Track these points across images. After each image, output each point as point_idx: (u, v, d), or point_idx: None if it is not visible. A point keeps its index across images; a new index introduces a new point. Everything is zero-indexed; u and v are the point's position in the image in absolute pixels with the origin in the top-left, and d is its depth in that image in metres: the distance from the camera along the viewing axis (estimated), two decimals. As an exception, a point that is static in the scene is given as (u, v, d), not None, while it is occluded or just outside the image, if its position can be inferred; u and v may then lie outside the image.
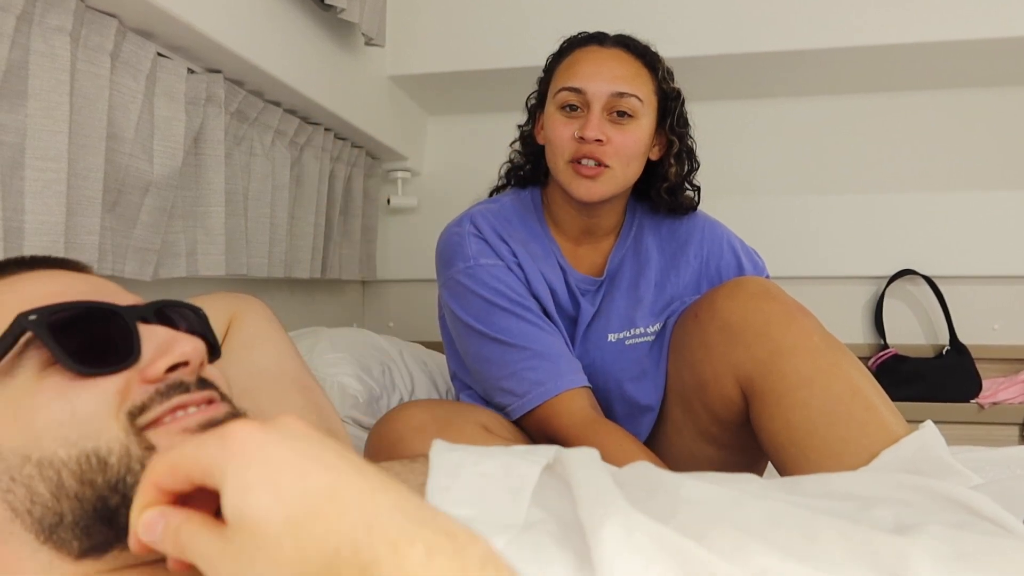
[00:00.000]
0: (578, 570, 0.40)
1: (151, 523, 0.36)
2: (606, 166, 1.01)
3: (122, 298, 0.53)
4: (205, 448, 0.35)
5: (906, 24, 1.64)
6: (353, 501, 0.32)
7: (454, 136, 2.20)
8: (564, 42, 1.11)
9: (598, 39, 1.07)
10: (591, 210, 1.09)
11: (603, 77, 1.01)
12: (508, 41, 1.79)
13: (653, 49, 1.08)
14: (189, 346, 0.48)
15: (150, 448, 0.44)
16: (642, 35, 1.11)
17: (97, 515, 0.43)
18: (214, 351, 0.57)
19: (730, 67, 1.81)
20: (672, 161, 1.09)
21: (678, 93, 1.09)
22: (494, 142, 1.37)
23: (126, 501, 0.43)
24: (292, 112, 1.52)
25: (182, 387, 0.47)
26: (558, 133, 1.03)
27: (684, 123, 1.11)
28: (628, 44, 1.07)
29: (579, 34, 1.10)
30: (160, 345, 0.48)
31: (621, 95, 1.01)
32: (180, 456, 0.35)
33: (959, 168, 1.93)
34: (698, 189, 1.15)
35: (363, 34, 1.57)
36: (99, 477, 0.43)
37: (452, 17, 1.84)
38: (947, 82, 1.90)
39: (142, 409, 0.46)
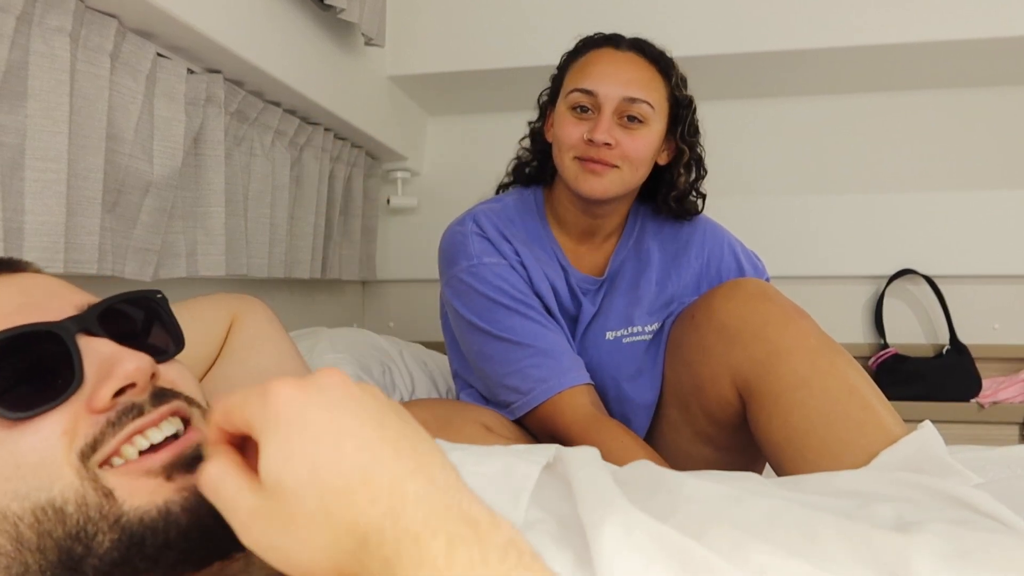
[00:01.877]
0: (578, 569, 0.40)
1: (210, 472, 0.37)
2: (614, 166, 1.02)
3: (63, 302, 0.47)
4: (248, 404, 0.36)
5: (906, 24, 1.64)
6: (384, 489, 0.33)
7: (454, 136, 2.20)
8: (579, 42, 1.11)
9: (614, 41, 1.07)
10: (595, 210, 1.09)
11: (616, 81, 1.01)
12: (508, 41, 1.79)
13: (669, 55, 1.07)
14: (132, 365, 0.43)
15: (107, 494, 0.41)
16: (642, 35, 1.11)
17: (63, 565, 0.41)
18: (176, 341, 0.52)
19: (730, 67, 1.81)
20: (681, 170, 1.09)
21: (690, 101, 1.09)
22: (494, 142, 1.37)
23: (88, 551, 0.40)
24: (292, 112, 1.52)
25: (135, 410, 0.43)
26: (567, 132, 1.03)
27: (695, 131, 1.10)
28: (643, 48, 1.06)
29: (595, 35, 1.10)
30: (102, 366, 0.43)
31: (632, 100, 1.01)
32: (230, 404, 0.37)
33: (959, 168, 1.93)
34: (703, 196, 1.15)
35: (363, 34, 1.57)
36: (58, 529, 0.40)
37: (452, 17, 1.84)
38: (947, 82, 1.90)
39: (94, 446, 0.41)
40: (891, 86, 1.93)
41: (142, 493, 0.41)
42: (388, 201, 2.11)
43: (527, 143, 1.20)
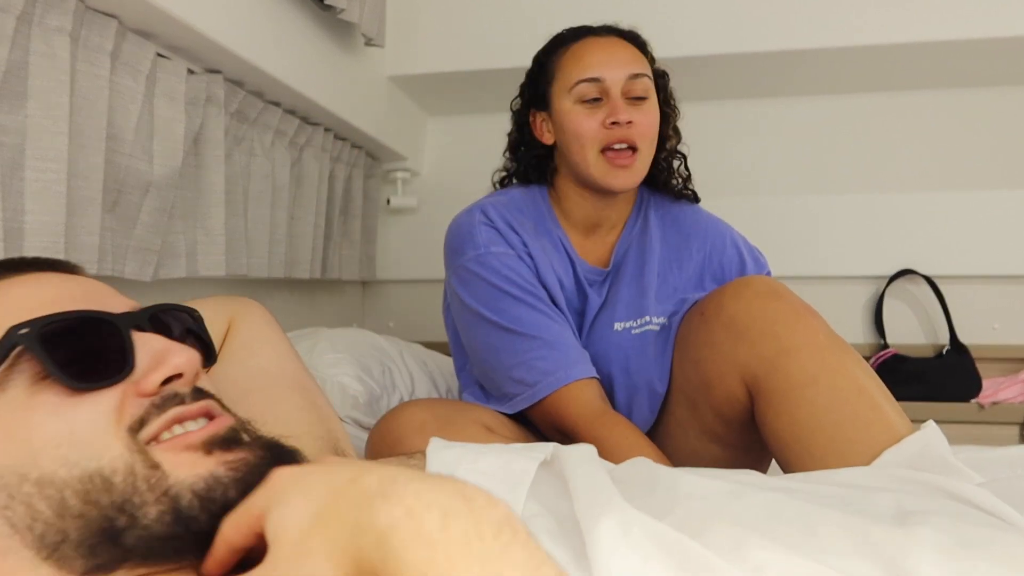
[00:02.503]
0: (574, 566, 0.40)
1: None
2: (635, 149, 1.04)
3: (116, 303, 0.52)
4: (254, 498, 0.39)
5: (906, 24, 1.64)
6: (373, 478, 0.35)
7: (454, 136, 2.20)
8: (551, 41, 1.13)
9: (592, 30, 1.10)
10: (608, 201, 1.11)
11: (616, 62, 1.04)
12: (508, 41, 1.79)
13: (637, 32, 1.12)
14: (183, 357, 0.47)
15: (155, 466, 0.43)
16: (645, 36, 1.12)
17: (103, 535, 0.42)
18: (210, 355, 0.56)
19: (730, 67, 1.81)
20: (671, 132, 1.14)
21: (664, 72, 1.14)
22: (494, 142, 1.36)
23: (133, 521, 0.42)
24: (292, 112, 1.52)
25: (177, 399, 0.46)
26: (585, 126, 1.04)
27: (671, 96, 1.16)
28: (620, 31, 1.10)
29: (564, 31, 1.12)
30: (154, 356, 0.47)
31: (636, 76, 1.04)
32: (237, 513, 0.40)
33: (959, 168, 1.93)
34: (686, 179, 1.18)
35: (363, 34, 1.57)
36: (104, 497, 0.42)
37: (452, 17, 1.84)
38: (947, 82, 1.90)
39: (141, 423, 0.44)
40: (891, 86, 1.93)
41: (185, 466, 0.43)
42: (388, 201, 2.11)
43: (509, 155, 1.21)
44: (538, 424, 1.04)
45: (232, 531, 0.40)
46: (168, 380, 0.46)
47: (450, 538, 0.31)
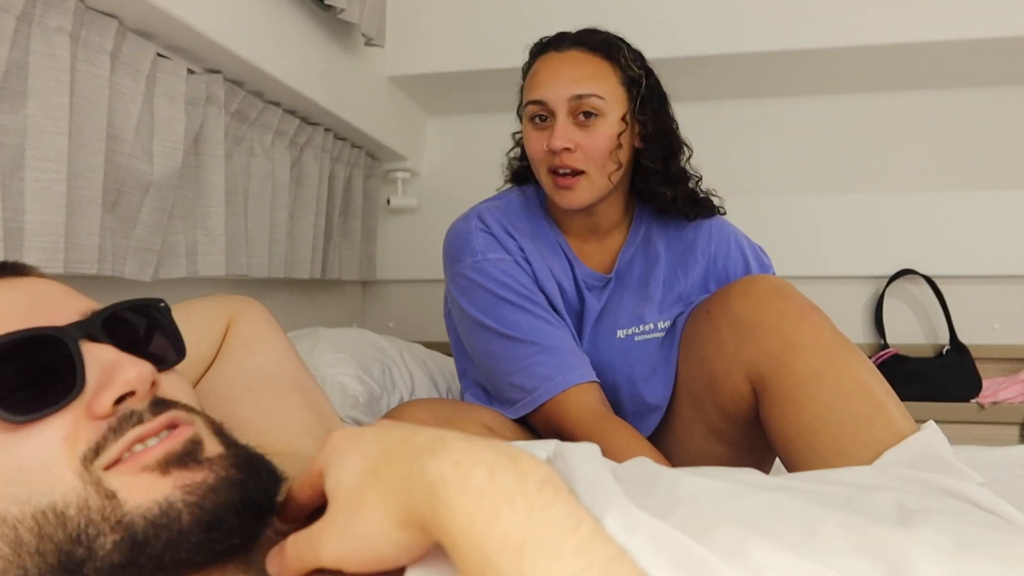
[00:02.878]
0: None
1: (270, 562, 0.41)
2: (581, 172, 1.01)
3: (65, 309, 0.47)
4: (313, 459, 0.42)
5: (906, 24, 1.64)
6: (423, 436, 0.38)
7: (454, 136, 2.20)
8: (530, 52, 1.11)
9: (555, 44, 1.06)
10: (587, 211, 1.09)
11: (559, 83, 1.01)
12: (508, 41, 1.78)
13: (615, 38, 1.06)
14: (132, 373, 0.43)
15: (110, 496, 0.41)
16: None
17: (63, 568, 0.40)
18: (177, 350, 0.52)
19: (730, 67, 1.81)
20: (650, 144, 1.06)
21: (645, 76, 1.06)
22: (494, 142, 1.37)
23: (90, 553, 0.40)
24: (292, 112, 1.52)
25: (135, 417, 0.43)
26: (532, 147, 1.05)
27: (662, 101, 1.08)
28: (585, 41, 1.05)
29: (541, 40, 1.10)
30: (104, 372, 0.43)
31: (580, 97, 1.00)
32: (302, 473, 0.43)
33: (959, 168, 1.93)
34: (704, 195, 1.12)
35: (363, 34, 1.57)
36: (59, 532, 0.40)
37: (452, 17, 1.84)
38: (947, 82, 1.90)
39: (97, 451, 0.41)
40: (891, 86, 1.93)
41: (141, 490, 0.41)
42: (388, 201, 2.11)
43: (515, 152, 1.21)
44: (540, 430, 1.04)
45: (297, 490, 0.43)
46: (121, 399, 0.43)
47: (496, 489, 0.33)
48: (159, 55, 1.11)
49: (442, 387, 1.54)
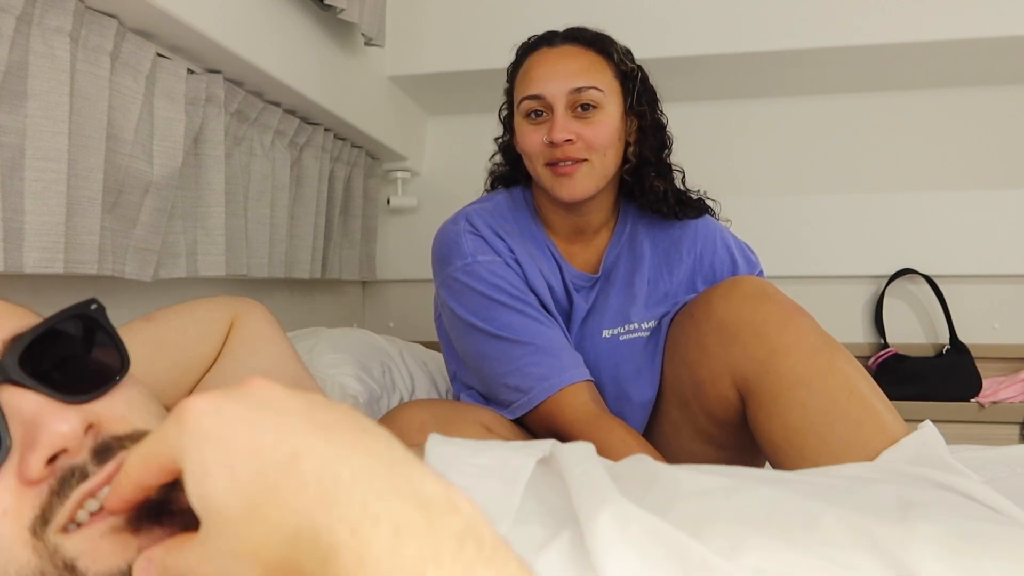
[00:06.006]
0: (572, 564, 0.40)
1: (140, 571, 0.34)
2: (583, 160, 1.02)
3: None
4: (165, 434, 0.32)
5: (906, 24, 1.64)
6: (312, 474, 0.28)
7: (454, 136, 2.20)
8: (518, 49, 1.12)
9: (547, 40, 1.08)
10: (578, 209, 1.09)
11: (558, 77, 1.02)
12: (508, 41, 1.78)
13: (604, 34, 1.08)
14: (59, 429, 0.37)
15: (70, 567, 0.37)
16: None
17: None
18: (121, 356, 0.45)
19: (730, 67, 1.81)
20: (646, 135, 1.08)
21: (637, 71, 1.08)
22: (494, 142, 1.37)
23: None
24: (292, 112, 1.52)
25: (77, 474, 0.38)
26: (529, 141, 1.05)
27: (652, 97, 1.10)
28: (577, 37, 1.07)
29: (530, 38, 1.10)
30: (27, 430, 0.37)
31: (579, 90, 1.01)
32: (147, 447, 0.33)
33: (959, 168, 1.93)
34: (693, 197, 1.13)
35: (363, 34, 1.57)
36: None
37: (452, 17, 1.84)
38: (947, 82, 1.90)
39: (45, 519, 0.37)
40: (891, 86, 1.93)
41: (105, 556, 0.37)
42: (388, 201, 2.11)
43: (498, 159, 1.22)
44: (536, 431, 1.04)
45: (141, 469, 0.33)
46: (54, 458, 0.37)
47: (402, 561, 0.26)
48: (159, 55, 1.11)
49: (442, 387, 1.54)
